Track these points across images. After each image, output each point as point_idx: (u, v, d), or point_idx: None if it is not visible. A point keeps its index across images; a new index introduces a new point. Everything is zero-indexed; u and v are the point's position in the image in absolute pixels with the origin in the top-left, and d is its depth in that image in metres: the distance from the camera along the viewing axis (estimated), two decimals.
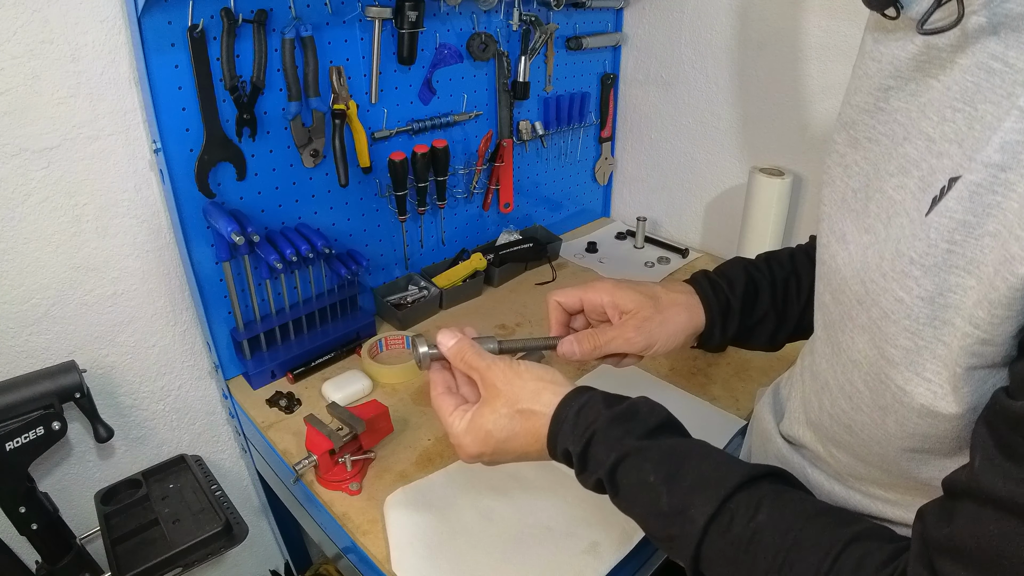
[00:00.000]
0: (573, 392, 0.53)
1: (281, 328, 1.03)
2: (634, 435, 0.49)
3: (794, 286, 0.66)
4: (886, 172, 0.42)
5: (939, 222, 0.35)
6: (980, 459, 0.33)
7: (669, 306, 0.63)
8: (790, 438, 0.59)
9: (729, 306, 0.64)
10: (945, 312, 0.35)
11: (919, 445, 0.40)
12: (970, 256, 0.33)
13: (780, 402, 0.64)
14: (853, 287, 0.43)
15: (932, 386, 0.37)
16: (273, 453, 0.91)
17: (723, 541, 0.43)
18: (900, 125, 0.41)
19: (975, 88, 0.34)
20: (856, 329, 0.43)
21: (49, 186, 0.82)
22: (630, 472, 0.48)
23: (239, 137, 0.91)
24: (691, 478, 0.45)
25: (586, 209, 1.63)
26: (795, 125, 1.21)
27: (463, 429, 0.55)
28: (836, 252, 0.46)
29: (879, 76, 0.43)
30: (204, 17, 0.81)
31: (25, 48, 0.74)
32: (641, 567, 0.80)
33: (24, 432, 0.76)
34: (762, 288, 0.65)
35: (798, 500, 0.44)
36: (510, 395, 0.54)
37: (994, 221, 0.32)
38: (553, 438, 0.52)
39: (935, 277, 0.35)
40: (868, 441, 0.44)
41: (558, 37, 1.30)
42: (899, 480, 0.45)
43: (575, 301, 0.65)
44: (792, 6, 1.14)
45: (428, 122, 1.14)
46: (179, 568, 0.87)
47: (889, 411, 0.40)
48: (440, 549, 0.73)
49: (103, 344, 0.94)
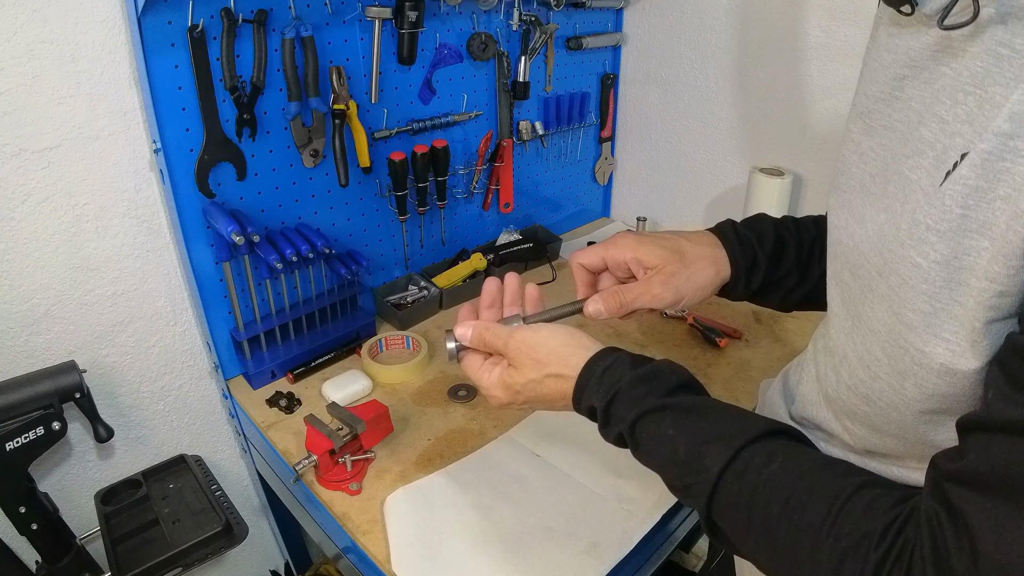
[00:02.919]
0: (600, 353, 0.55)
1: (281, 328, 1.03)
2: (656, 393, 0.51)
3: (819, 249, 0.67)
4: (902, 155, 0.44)
5: (953, 189, 0.37)
6: (992, 393, 0.36)
7: (695, 259, 0.62)
8: (801, 420, 0.60)
9: (756, 261, 0.64)
10: (960, 274, 0.37)
11: (937, 406, 0.42)
12: (983, 219, 0.36)
13: (790, 388, 0.65)
14: (872, 260, 0.45)
15: (950, 345, 0.38)
16: (273, 453, 0.91)
17: (737, 487, 0.44)
18: (915, 111, 0.43)
19: (985, 72, 0.37)
20: (875, 299, 0.44)
21: (49, 186, 0.82)
22: (649, 426, 0.50)
23: (239, 137, 0.91)
24: (708, 430, 0.48)
25: (586, 209, 1.63)
26: (795, 125, 1.21)
27: (493, 382, 0.58)
28: (854, 231, 0.48)
29: (895, 66, 0.46)
30: (204, 17, 0.81)
31: (25, 48, 0.74)
32: (641, 567, 0.80)
33: (24, 432, 0.76)
34: (788, 246, 0.66)
35: (811, 453, 0.46)
36: (537, 359, 0.56)
37: (1005, 185, 0.34)
38: (579, 395, 0.54)
39: (950, 241, 0.37)
40: (886, 408, 0.46)
41: (558, 37, 1.30)
42: (914, 448, 0.47)
43: (598, 260, 0.65)
44: (792, 6, 1.14)
45: (428, 122, 1.14)
46: (179, 568, 0.87)
47: (908, 375, 0.42)
48: (440, 549, 0.73)
49: (103, 344, 0.94)
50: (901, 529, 0.38)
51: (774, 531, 0.42)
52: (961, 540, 0.34)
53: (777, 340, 1.12)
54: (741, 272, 0.64)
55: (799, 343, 1.12)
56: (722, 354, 1.09)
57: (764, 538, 0.43)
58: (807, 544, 0.41)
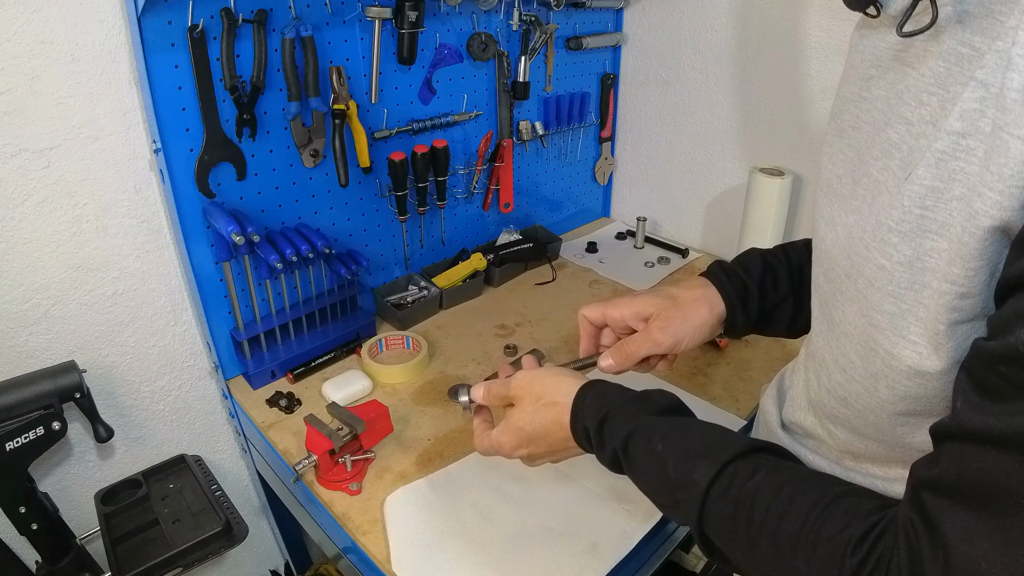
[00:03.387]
0: (592, 382, 0.59)
1: (281, 328, 1.03)
2: (647, 412, 0.53)
3: (809, 271, 0.68)
4: (871, 156, 0.44)
5: (911, 189, 0.37)
6: (960, 402, 0.35)
7: (688, 303, 0.65)
8: (791, 425, 0.61)
9: (747, 290, 0.66)
10: (923, 275, 0.38)
11: (910, 408, 0.42)
12: (941, 220, 0.36)
13: (783, 391, 0.66)
14: (841, 263, 0.45)
15: (917, 347, 0.39)
16: (273, 453, 0.91)
17: (723, 501, 0.45)
18: (881, 112, 0.43)
19: (947, 73, 0.37)
20: (846, 302, 0.45)
21: (49, 186, 0.82)
22: (641, 443, 0.51)
23: (239, 137, 0.91)
24: (696, 446, 0.49)
25: (586, 209, 1.63)
26: (795, 125, 1.21)
27: (500, 431, 0.62)
28: (825, 235, 0.49)
29: (862, 67, 0.46)
30: (204, 17, 0.81)
31: (25, 48, 0.74)
32: (641, 567, 0.80)
33: (24, 432, 0.76)
34: (779, 272, 0.67)
35: (793, 466, 0.47)
36: (534, 393, 0.60)
37: (959, 185, 0.35)
38: (574, 419, 0.57)
39: (911, 242, 0.38)
40: (863, 411, 0.46)
41: (558, 37, 1.30)
42: (894, 451, 0.47)
43: (598, 316, 0.69)
44: (792, 6, 1.14)
45: (428, 122, 1.14)
46: (179, 568, 0.87)
47: (880, 377, 0.43)
48: (440, 549, 0.73)
49: (103, 344, 0.94)
50: (880, 537, 0.38)
51: (757, 542, 0.43)
52: (936, 550, 0.34)
53: (777, 340, 1.12)
54: (735, 304, 0.65)
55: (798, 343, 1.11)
56: (722, 354, 1.09)
57: (749, 550, 0.44)
58: (787, 553, 0.41)
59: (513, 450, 0.62)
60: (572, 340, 1.13)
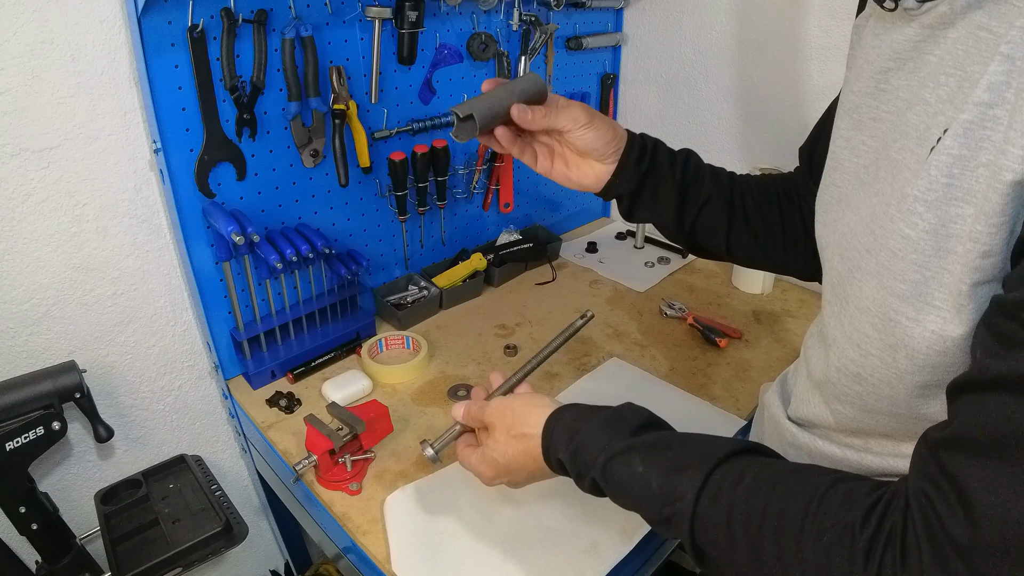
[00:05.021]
0: (559, 409, 0.59)
1: (281, 328, 1.03)
2: (621, 436, 0.53)
3: (701, 174, 0.74)
4: (891, 141, 0.45)
5: (938, 160, 0.38)
6: (980, 352, 0.37)
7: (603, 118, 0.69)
8: (798, 420, 0.62)
9: (644, 148, 0.69)
10: (948, 242, 0.38)
11: (929, 377, 0.43)
12: (967, 187, 0.37)
13: (787, 390, 0.67)
14: (862, 239, 0.46)
15: (940, 312, 0.40)
16: (273, 453, 0.91)
17: (715, 509, 0.45)
18: (903, 100, 0.45)
19: (964, 54, 0.38)
20: (864, 276, 0.46)
21: (49, 186, 0.82)
22: (619, 468, 0.52)
23: (239, 137, 0.91)
24: (677, 460, 0.49)
25: (586, 209, 1.63)
26: (795, 125, 1.21)
27: (477, 460, 0.64)
28: (849, 219, 0.50)
29: (879, 61, 0.47)
30: (204, 17, 0.81)
31: (25, 48, 0.74)
32: (641, 567, 0.80)
33: (24, 432, 0.76)
34: (700, 164, 0.74)
35: (778, 463, 0.47)
36: (505, 424, 0.62)
37: (986, 153, 0.36)
38: (546, 452, 0.58)
39: (937, 210, 0.39)
40: (878, 384, 0.46)
41: (558, 37, 1.30)
42: (907, 424, 0.47)
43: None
44: (792, 6, 1.14)
45: (428, 122, 1.13)
46: (179, 568, 0.87)
47: (899, 347, 0.43)
48: (440, 549, 0.73)
49: (103, 344, 0.94)
50: (884, 513, 0.38)
51: (758, 543, 0.42)
52: (953, 507, 0.34)
53: (777, 340, 1.12)
54: (635, 144, 0.69)
55: (799, 343, 1.11)
56: (722, 354, 1.09)
57: (751, 552, 0.43)
58: (792, 547, 0.41)
59: (492, 480, 0.64)
60: (571, 340, 1.13)
